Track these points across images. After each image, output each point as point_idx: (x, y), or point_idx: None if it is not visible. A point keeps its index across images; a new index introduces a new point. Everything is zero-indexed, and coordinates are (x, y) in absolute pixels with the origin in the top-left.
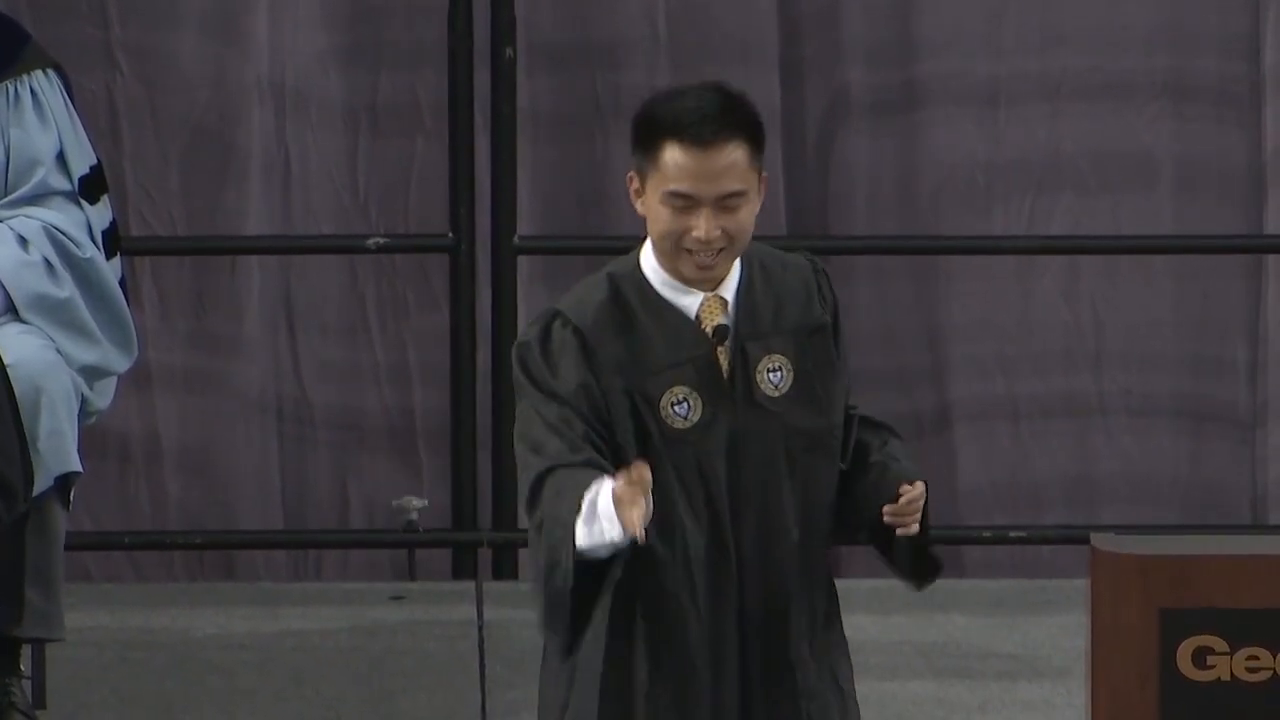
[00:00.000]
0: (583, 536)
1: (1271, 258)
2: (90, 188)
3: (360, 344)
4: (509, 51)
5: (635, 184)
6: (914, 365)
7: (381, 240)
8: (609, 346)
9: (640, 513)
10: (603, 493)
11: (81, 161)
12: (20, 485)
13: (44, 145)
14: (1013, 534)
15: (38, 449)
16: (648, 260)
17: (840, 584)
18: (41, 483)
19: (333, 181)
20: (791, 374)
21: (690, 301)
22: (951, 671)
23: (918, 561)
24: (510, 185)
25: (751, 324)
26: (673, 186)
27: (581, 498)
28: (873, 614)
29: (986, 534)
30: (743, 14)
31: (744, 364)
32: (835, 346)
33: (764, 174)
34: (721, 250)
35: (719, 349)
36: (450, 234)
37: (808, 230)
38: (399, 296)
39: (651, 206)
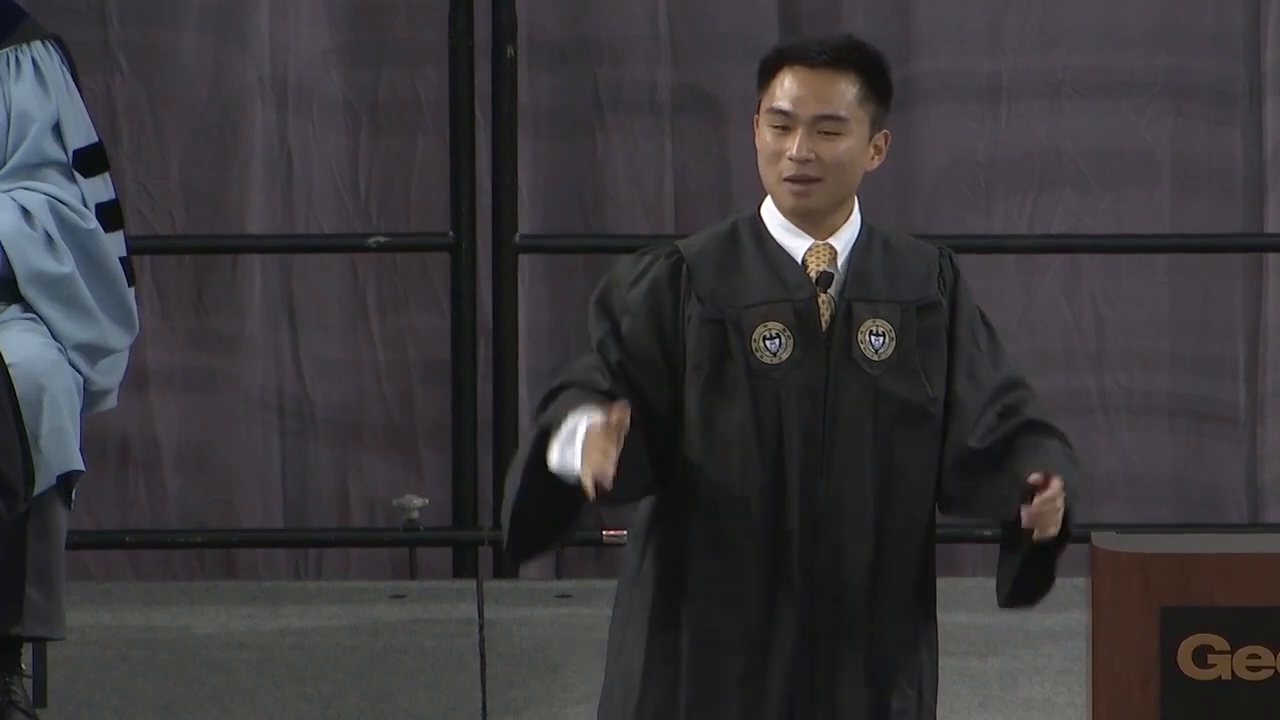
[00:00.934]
0: (554, 458)
1: (1271, 257)
2: (86, 163)
3: (361, 342)
4: (510, 49)
5: (757, 125)
6: None
7: (382, 239)
8: (707, 274)
9: (598, 461)
10: (582, 423)
11: (78, 136)
12: (21, 484)
13: (42, 113)
14: None
15: (39, 447)
16: (768, 203)
17: None
18: (43, 481)
19: (334, 180)
20: (894, 343)
21: (799, 245)
22: (951, 670)
23: (1031, 574)
24: (511, 184)
25: (861, 285)
26: (774, 104)
27: (572, 411)
28: None
29: (987, 532)
30: (743, 11)
31: (848, 320)
32: (950, 330)
33: (885, 131)
34: (817, 181)
35: (821, 297)
36: (451, 232)
37: None
38: (400, 295)
39: (759, 134)
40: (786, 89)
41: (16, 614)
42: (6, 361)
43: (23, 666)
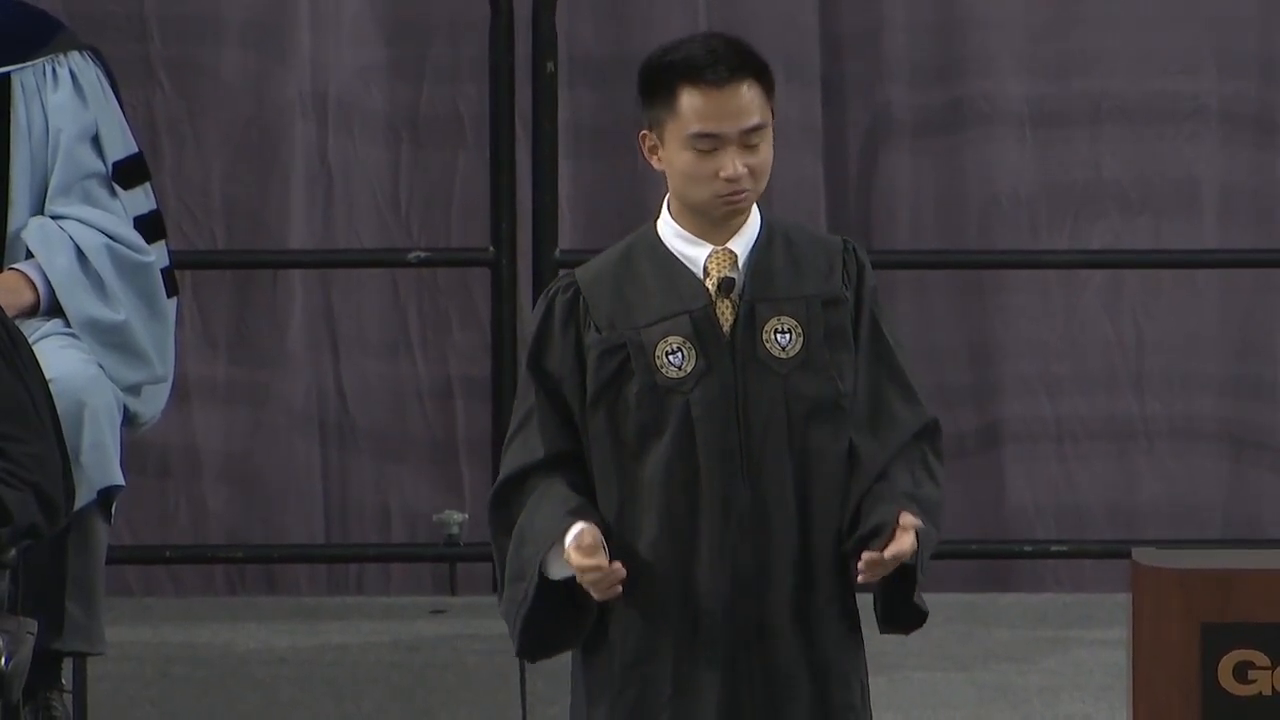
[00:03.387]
0: (553, 570)
1: None
2: (125, 175)
3: (402, 358)
4: (550, 66)
5: (650, 140)
6: (957, 384)
7: (423, 254)
8: (604, 300)
9: (601, 585)
10: (571, 538)
11: (117, 147)
12: (61, 499)
13: (78, 125)
14: (1054, 549)
15: (80, 463)
16: (664, 217)
17: None
18: (84, 496)
19: (374, 196)
20: (801, 339)
21: (698, 254)
22: (992, 685)
23: (898, 606)
24: (551, 199)
25: (763, 284)
26: (697, 128)
27: (558, 522)
28: None
29: (1028, 549)
30: (784, 31)
31: (750, 322)
32: (855, 324)
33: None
34: (749, 191)
35: (723, 302)
36: (491, 248)
37: None
38: (440, 311)
39: (673, 156)
40: (703, 111)
41: (57, 629)
42: (46, 377)
43: (63, 682)
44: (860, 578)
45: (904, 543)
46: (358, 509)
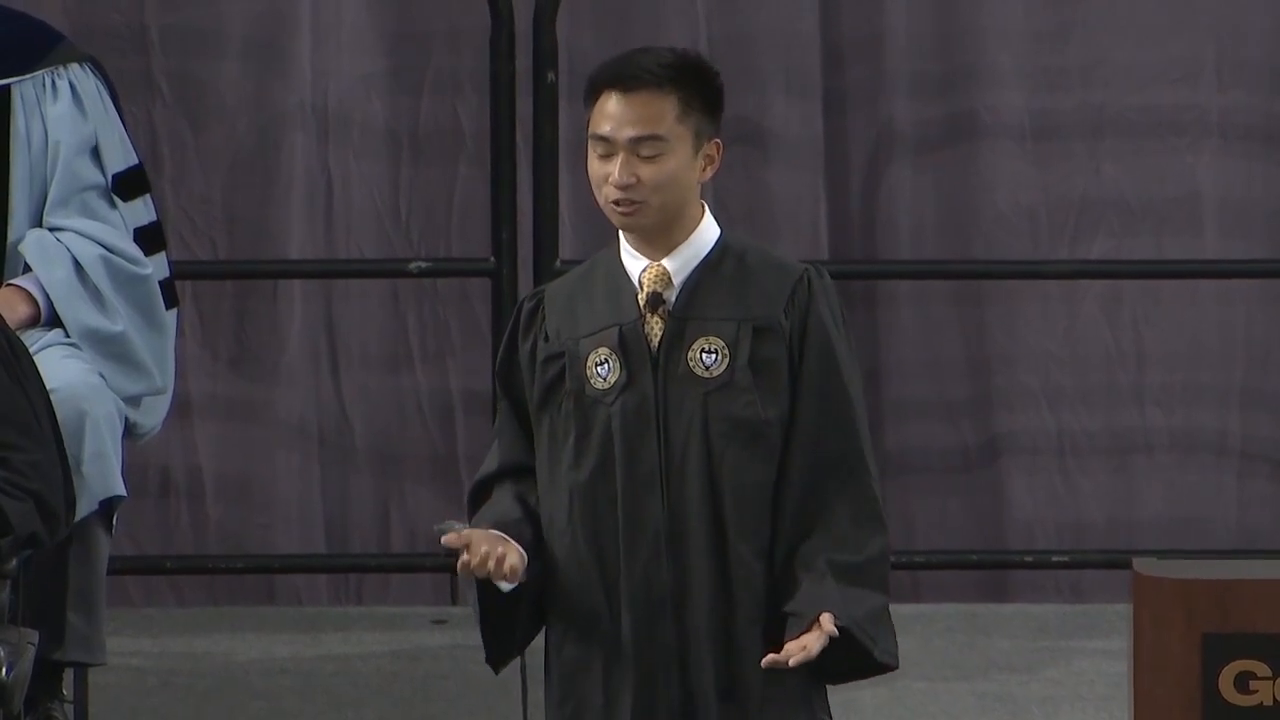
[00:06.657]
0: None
1: None
2: (125, 187)
3: (402, 369)
4: (551, 76)
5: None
6: (958, 395)
7: (423, 264)
8: (559, 310)
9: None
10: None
11: (117, 159)
12: (62, 510)
13: (77, 137)
14: (1055, 558)
15: (82, 473)
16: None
17: None
18: (85, 507)
19: (375, 207)
20: (727, 360)
21: (638, 267)
22: (994, 696)
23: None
24: (552, 209)
25: (698, 302)
26: (594, 130)
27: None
28: (914, 638)
29: (1029, 558)
30: (785, 42)
31: (679, 339)
32: (800, 353)
33: (715, 140)
34: (642, 203)
35: (654, 317)
36: (492, 258)
37: (850, 257)
38: (441, 322)
39: (588, 159)
40: (605, 113)
41: (58, 639)
42: (48, 387)
43: (64, 692)
44: (763, 663)
45: (812, 647)
46: (357, 519)
